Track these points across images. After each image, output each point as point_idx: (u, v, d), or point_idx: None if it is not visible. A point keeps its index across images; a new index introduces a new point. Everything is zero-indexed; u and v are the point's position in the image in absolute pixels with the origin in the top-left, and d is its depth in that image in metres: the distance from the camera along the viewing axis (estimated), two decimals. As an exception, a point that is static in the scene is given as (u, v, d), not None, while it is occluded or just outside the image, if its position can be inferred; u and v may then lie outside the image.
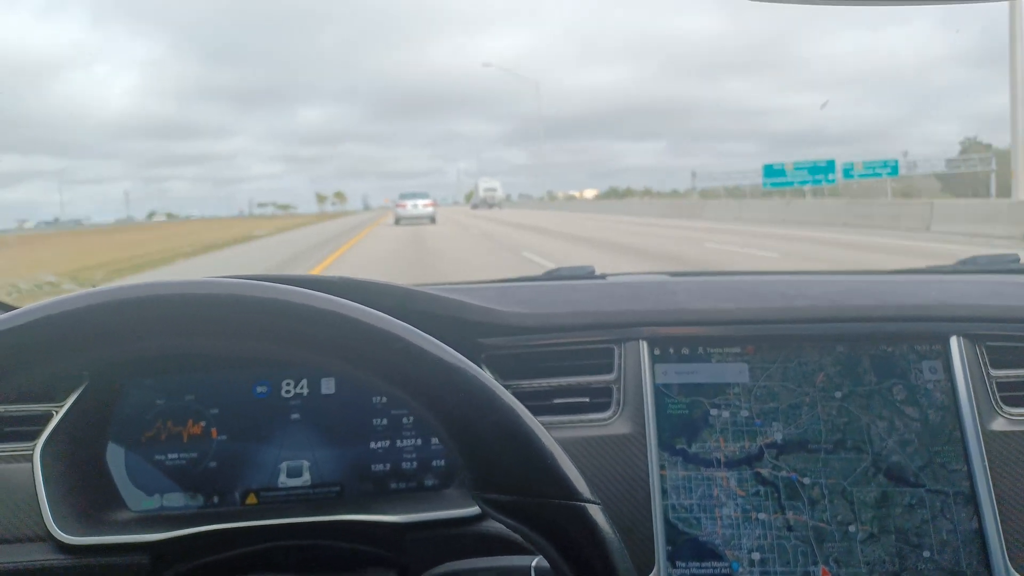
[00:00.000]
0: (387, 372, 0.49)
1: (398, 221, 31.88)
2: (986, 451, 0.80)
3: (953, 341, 0.86)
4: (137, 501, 0.85)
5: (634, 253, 12.35)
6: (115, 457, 0.86)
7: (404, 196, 33.82)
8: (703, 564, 0.79)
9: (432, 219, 31.68)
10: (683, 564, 0.79)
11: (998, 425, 0.82)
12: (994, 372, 0.85)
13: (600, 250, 13.38)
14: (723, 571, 0.79)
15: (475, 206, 68.85)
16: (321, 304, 0.49)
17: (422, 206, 32.19)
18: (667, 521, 0.80)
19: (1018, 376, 0.86)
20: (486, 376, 0.50)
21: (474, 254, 13.67)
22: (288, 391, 0.89)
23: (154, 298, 0.47)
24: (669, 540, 0.80)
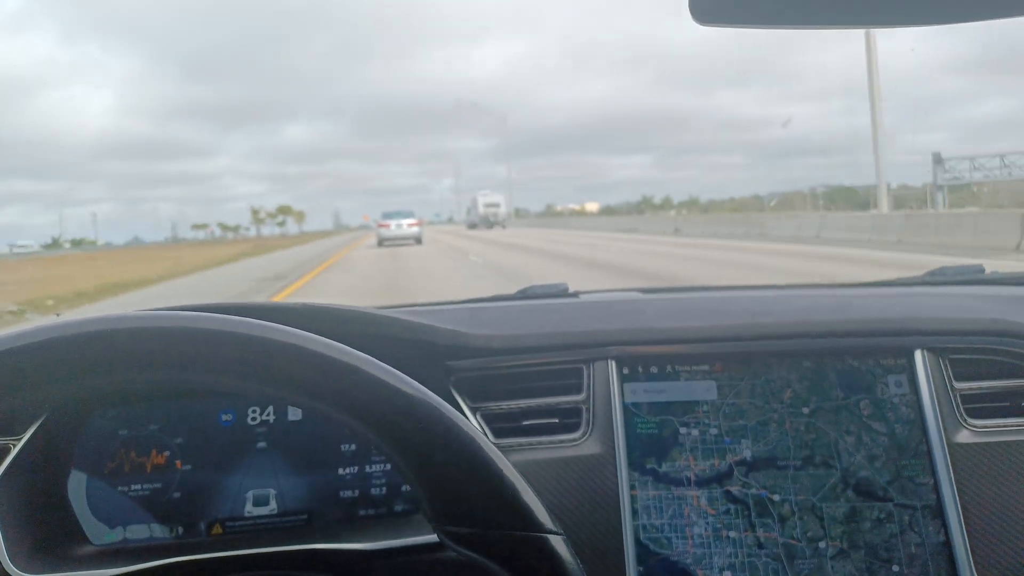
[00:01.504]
0: (343, 403, 0.48)
1: (381, 243, 30.29)
2: (952, 464, 0.81)
3: (917, 355, 0.86)
4: (99, 534, 0.83)
5: None
6: (76, 489, 0.84)
7: (387, 216, 32.14)
8: None
9: (418, 240, 30.23)
10: None
11: (963, 437, 0.83)
12: (958, 385, 0.86)
13: None
14: None
15: (472, 225, 57.70)
16: (276, 336, 0.48)
17: (407, 226, 30.75)
18: (638, 542, 0.80)
19: (981, 388, 0.87)
20: (446, 406, 0.50)
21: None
22: (254, 418, 0.88)
23: (92, 334, 0.46)
24: (640, 561, 0.79)
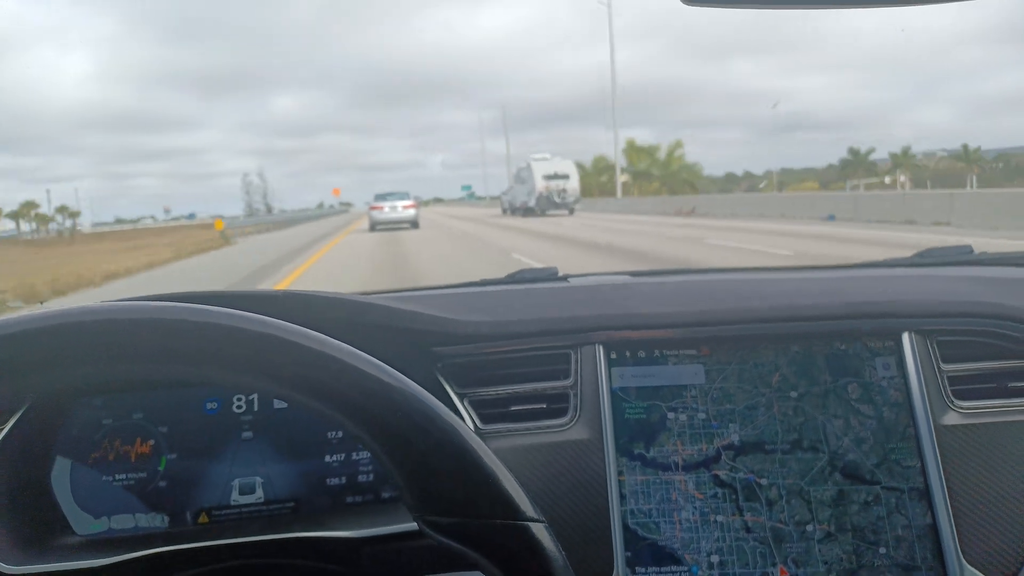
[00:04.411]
0: (321, 393, 0.48)
1: (373, 227, 27.97)
2: (938, 446, 0.81)
3: (905, 337, 0.86)
4: (84, 524, 0.83)
5: None
6: (60, 479, 0.83)
7: (380, 197, 29.37)
8: (662, 569, 0.79)
9: (414, 223, 27.72)
10: (642, 569, 0.79)
11: (950, 419, 0.83)
12: (945, 367, 0.86)
13: None
14: (682, 575, 0.79)
15: (515, 209, 36.59)
16: (250, 325, 0.48)
17: (401, 208, 28.09)
18: (626, 527, 0.80)
19: (968, 370, 0.87)
20: (425, 394, 0.49)
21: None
22: (239, 407, 0.87)
23: (70, 325, 0.46)
24: (628, 546, 0.79)
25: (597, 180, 62.38)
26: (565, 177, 34.18)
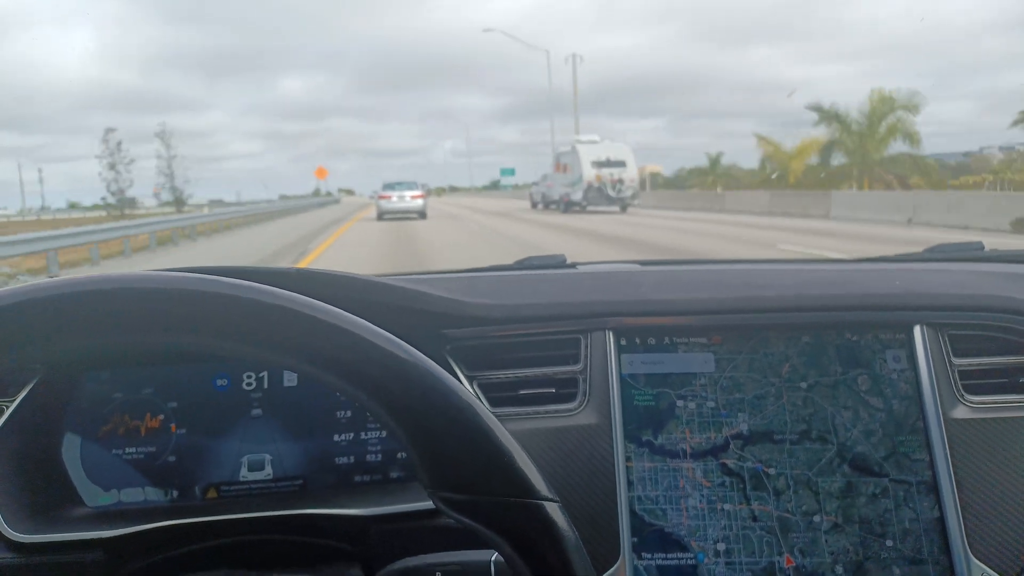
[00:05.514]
0: (337, 367, 0.48)
1: (381, 216, 27.63)
2: (948, 440, 0.81)
3: (916, 330, 0.86)
4: (94, 497, 0.83)
5: None
6: (71, 452, 0.84)
7: (388, 186, 29.11)
8: (668, 555, 0.79)
9: (422, 214, 27.48)
10: (649, 555, 0.79)
11: (959, 413, 0.83)
12: (956, 361, 0.86)
13: None
14: (688, 562, 0.79)
15: (551, 203, 30.38)
16: (270, 299, 0.48)
17: (409, 198, 27.82)
18: (633, 512, 0.80)
19: (979, 364, 0.86)
20: (441, 371, 0.49)
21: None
22: (249, 384, 0.87)
23: (82, 293, 0.46)
24: (635, 531, 0.80)
25: (876, 145, 29.37)
26: (620, 164, 26.94)
